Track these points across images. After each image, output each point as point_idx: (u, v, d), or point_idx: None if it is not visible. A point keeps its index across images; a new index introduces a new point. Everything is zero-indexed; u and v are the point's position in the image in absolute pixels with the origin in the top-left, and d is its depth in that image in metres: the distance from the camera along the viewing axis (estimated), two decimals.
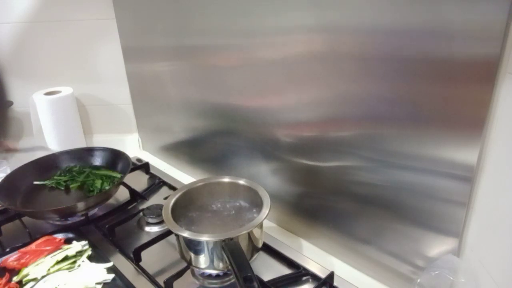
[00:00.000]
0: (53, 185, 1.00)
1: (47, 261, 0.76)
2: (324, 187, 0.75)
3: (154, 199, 1.01)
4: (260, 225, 0.72)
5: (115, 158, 1.06)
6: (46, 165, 1.04)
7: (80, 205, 0.87)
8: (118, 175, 1.01)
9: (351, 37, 0.61)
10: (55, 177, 1.02)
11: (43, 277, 0.73)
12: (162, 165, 1.20)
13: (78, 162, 1.08)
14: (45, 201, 0.96)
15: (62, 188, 1.00)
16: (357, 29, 0.60)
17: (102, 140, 1.28)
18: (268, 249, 0.79)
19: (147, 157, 1.24)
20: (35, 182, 1.00)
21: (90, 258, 0.79)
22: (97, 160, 1.08)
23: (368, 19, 0.58)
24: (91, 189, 0.98)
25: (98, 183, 0.98)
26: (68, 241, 0.83)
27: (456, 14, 0.49)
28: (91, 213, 0.93)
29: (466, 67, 0.50)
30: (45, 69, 1.21)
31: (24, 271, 0.74)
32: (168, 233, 0.79)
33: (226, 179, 0.83)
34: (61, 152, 1.08)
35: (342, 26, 0.61)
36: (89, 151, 1.10)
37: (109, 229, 0.85)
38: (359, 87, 0.63)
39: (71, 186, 1.00)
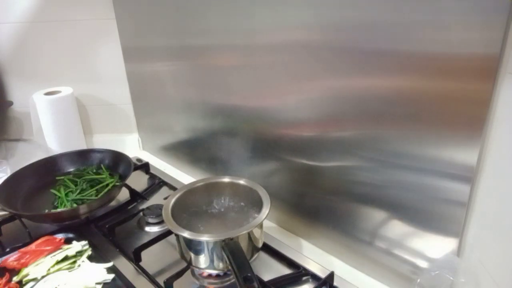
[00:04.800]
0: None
1: (47, 261, 0.76)
2: (324, 187, 0.75)
3: (154, 199, 1.01)
4: (260, 225, 0.72)
5: (116, 160, 1.06)
6: (47, 167, 1.04)
7: (83, 208, 0.87)
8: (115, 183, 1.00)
9: (351, 36, 0.61)
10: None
11: (43, 277, 0.73)
12: (162, 165, 1.20)
13: (78, 164, 1.07)
14: (46, 203, 0.96)
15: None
16: (357, 28, 0.60)
17: (102, 140, 1.28)
18: (268, 249, 0.79)
19: (147, 157, 1.24)
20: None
21: (90, 258, 0.79)
22: (98, 162, 1.08)
23: (368, 18, 0.58)
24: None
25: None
26: (68, 241, 0.83)
27: (456, 14, 0.49)
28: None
29: (466, 67, 0.50)
30: (45, 69, 1.21)
31: (24, 271, 0.74)
32: (168, 233, 0.79)
33: (226, 179, 0.83)
34: (61, 154, 1.08)
35: (342, 25, 0.61)
36: (90, 153, 1.09)
37: (109, 229, 0.85)
38: (359, 87, 0.63)
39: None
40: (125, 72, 1.21)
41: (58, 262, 0.76)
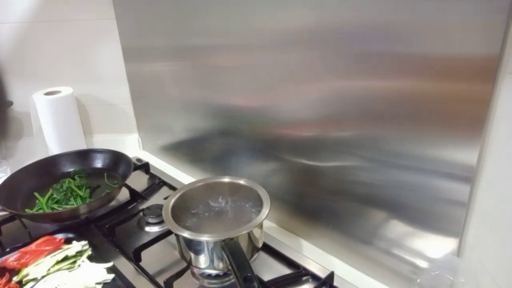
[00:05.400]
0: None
1: (47, 261, 0.76)
2: (324, 187, 0.75)
3: (154, 199, 1.01)
4: (260, 225, 0.72)
5: (116, 160, 1.06)
6: (47, 167, 1.04)
7: (83, 209, 0.87)
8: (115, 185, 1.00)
9: (351, 36, 0.61)
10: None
11: (43, 277, 0.73)
12: (162, 165, 1.20)
13: (78, 164, 1.07)
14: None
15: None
16: (357, 28, 0.60)
17: (102, 140, 1.28)
18: (268, 249, 0.79)
19: (147, 157, 1.24)
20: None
21: (90, 258, 0.79)
22: (98, 163, 1.08)
23: (368, 18, 0.58)
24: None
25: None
26: (68, 241, 0.83)
27: (456, 14, 0.49)
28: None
29: (466, 67, 0.50)
30: (45, 69, 1.21)
31: (24, 271, 0.74)
32: (168, 233, 0.79)
33: (226, 179, 0.83)
34: (62, 154, 1.08)
35: (342, 25, 0.61)
36: (90, 153, 1.09)
37: (109, 229, 0.85)
38: (359, 87, 0.63)
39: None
40: (125, 72, 1.21)
41: (58, 262, 0.76)
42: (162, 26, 0.99)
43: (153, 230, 0.88)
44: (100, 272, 0.74)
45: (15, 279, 0.73)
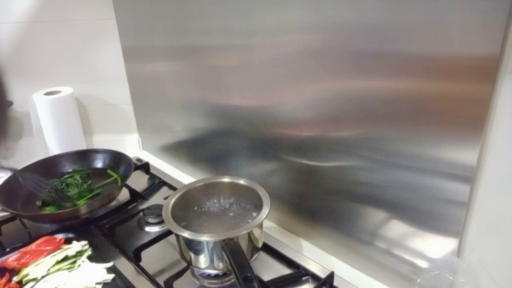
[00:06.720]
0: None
1: (47, 261, 0.76)
2: (324, 187, 0.75)
3: (154, 199, 1.01)
4: (260, 225, 0.72)
5: (117, 160, 1.06)
6: (47, 167, 1.04)
7: (83, 209, 0.87)
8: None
9: (351, 37, 0.61)
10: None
11: (43, 277, 0.73)
12: (162, 165, 1.20)
13: (79, 165, 1.07)
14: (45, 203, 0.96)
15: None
16: (357, 28, 0.60)
17: (102, 140, 1.28)
18: (268, 249, 0.79)
19: (147, 157, 1.24)
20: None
21: (90, 258, 0.79)
22: (99, 163, 1.08)
23: (368, 18, 0.58)
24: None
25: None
26: (68, 241, 0.83)
27: (456, 14, 0.49)
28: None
29: (466, 67, 0.50)
30: (45, 69, 1.21)
31: (24, 271, 0.74)
32: (168, 233, 0.79)
33: (226, 179, 0.83)
34: (62, 154, 1.08)
35: (342, 25, 0.61)
36: (90, 153, 1.09)
37: (109, 229, 0.85)
38: (360, 88, 0.63)
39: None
40: (125, 72, 1.21)
41: (58, 262, 0.76)
42: (162, 26, 0.99)
43: (153, 230, 0.88)
44: (100, 272, 0.74)
45: (15, 279, 0.73)
